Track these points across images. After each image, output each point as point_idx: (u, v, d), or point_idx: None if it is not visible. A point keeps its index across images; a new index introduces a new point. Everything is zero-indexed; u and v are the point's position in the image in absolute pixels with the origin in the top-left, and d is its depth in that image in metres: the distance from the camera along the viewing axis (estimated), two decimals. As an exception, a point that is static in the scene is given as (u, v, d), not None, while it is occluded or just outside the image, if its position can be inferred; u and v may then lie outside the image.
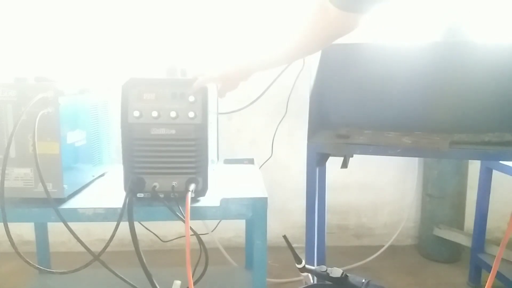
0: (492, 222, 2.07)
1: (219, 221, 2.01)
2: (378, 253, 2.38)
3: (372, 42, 1.76)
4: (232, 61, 1.12)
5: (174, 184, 1.10)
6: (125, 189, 1.09)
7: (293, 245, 1.20)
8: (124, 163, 1.11)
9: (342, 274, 1.15)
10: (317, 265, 1.68)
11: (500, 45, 1.62)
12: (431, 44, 1.72)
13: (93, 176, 1.34)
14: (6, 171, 1.02)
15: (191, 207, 1.03)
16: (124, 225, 1.02)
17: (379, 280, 2.17)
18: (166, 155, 1.10)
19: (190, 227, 1.03)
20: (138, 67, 2.23)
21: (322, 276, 1.18)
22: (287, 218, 2.50)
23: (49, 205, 1.05)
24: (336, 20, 0.99)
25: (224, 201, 1.13)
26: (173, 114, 1.09)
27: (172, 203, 1.08)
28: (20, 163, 1.08)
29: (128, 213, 1.03)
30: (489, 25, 2.15)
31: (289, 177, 2.42)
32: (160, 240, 1.62)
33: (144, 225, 1.32)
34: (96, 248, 1.05)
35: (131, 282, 1.10)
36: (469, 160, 2.30)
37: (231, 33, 2.32)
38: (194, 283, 1.03)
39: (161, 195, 1.10)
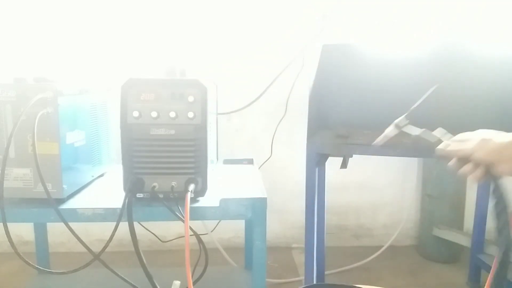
0: (492, 222, 2.07)
1: (219, 221, 2.01)
2: (378, 253, 2.38)
3: (371, 43, 1.76)
4: None
5: (173, 184, 1.10)
6: (125, 189, 1.09)
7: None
8: (123, 163, 1.11)
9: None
10: (317, 265, 1.69)
11: (499, 45, 1.62)
12: (431, 44, 1.72)
13: (93, 176, 1.34)
14: (5, 171, 1.03)
15: (190, 207, 1.03)
16: (124, 225, 1.02)
17: (379, 280, 2.17)
18: (165, 155, 1.10)
19: (190, 227, 1.03)
20: (137, 67, 2.23)
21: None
22: (286, 219, 2.50)
23: (48, 205, 1.05)
24: None
25: (224, 201, 1.13)
26: (172, 114, 1.09)
27: (171, 203, 1.08)
28: (19, 163, 1.08)
29: (127, 213, 1.03)
30: (487, 27, 2.15)
31: (288, 177, 2.42)
32: (160, 240, 1.62)
33: (144, 225, 1.32)
34: (95, 248, 1.05)
35: (131, 282, 1.10)
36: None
37: (230, 34, 2.32)
38: (194, 283, 1.03)
39: (161, 195, 1.10)
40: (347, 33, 2.26)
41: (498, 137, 0.86)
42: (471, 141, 0.89)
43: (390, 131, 1.17)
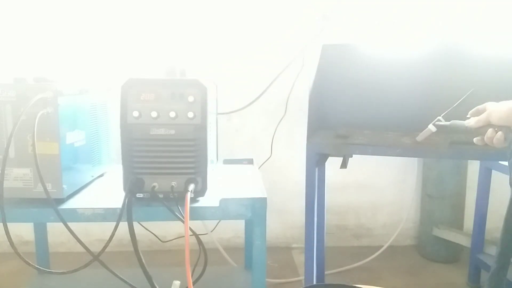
0: (491, 222, 2.07)
1: (218, 222, 2.01)
2: (378, 253, 2.38)
3: (371, 43, 1.76)
4: None
5: (173, 184, 1.10)
6: (125, 189, 1.09)
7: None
8: (123, 163, 1.11)
9: None
10: (317, 265, 1.69)
11: (498, 45, 1.62)
12: (431, 44, 1.72)
13: (92, 176, 1.34)
14: (5, 171, 1.03)
15: (190, 207, 1.03)
16: (123, 225, 1.02)
17: (379, 280, 2.17)
18: (165, 155, 1.10)
19: (190, 227, 1.03)
20: (137, 67, 2.23)
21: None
22: (286, 218, 2.50)
23: (48, 205, 1.05)
24: None
25: (224, 201, 1.13)
26: (172, 114, 1.09)
27: (171, 203, 1.08)
28: (19, 163, 1.08)
29: (127, 213, 1.03)
30: (487, 27, 2.15)
31: (288, 177, 2.42)
32: (160, 240, 1.62)
33: (144, 225, 1.32)
34: (95, 248, 1.05)
35: (131, 283, 1.10)
36: (468, 160, 2.30)
37: (230, 34, 2.32)
38: (193, 283, 1.03)
39: (161, 195, 1.10)
40: (347, 33, 2.26)
41: (506, 101, 1.00)
42: (485, 110, 1.03)
43: (430, 127, 1.30)
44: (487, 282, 0.88)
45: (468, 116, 1.11)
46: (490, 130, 1.01)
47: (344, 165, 1.62)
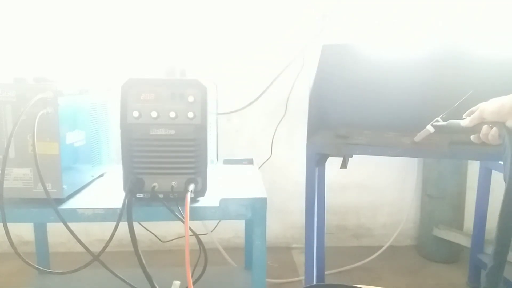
0: (492, 222, 2.06)
1: (218, 222, 2.01)
2: (378, 253, 2.38)
3: (371, 43, 1.76)
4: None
5: (173, 185, 1.10)
6: (125, 190, 1.09)
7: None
8: (123, 163, 1.11)
9: None
10: (317, 265, 1.69)
11: (498, 45, 1.62)
12: (431, 44, 1.72)
13: (93, 176, 1.34)
14: (5, 171, 1.03)
15: (190, 207, 1.03)
16: (124, 226, 1.02)
17: (379, 280, 2.17)
18: (165, 155, 1.10)
19: (190, 227, 1.03)
20: (137, 67, 2.23)
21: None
22: (286, 219, 2.50)
23: (48, 205, 1.05)
24: None
25: (224, 201, 1.13)
26: (172, 114, 1.09)
27: (171, 203, 1.08)
28: (19, 163, 1.08)
29: (127, 213, 1.03)
30: (487, 27, 2.15)
31: (288, 178, 2.42)
32: (160, 240, 1.62)
33: (144, 226, 1.33)
34: (95, 248, 1.05)
35: (131, 283, 1.10)
36: (469, 160, 2.30)
37: (230, 34, 2.32)
38: (193, 283, 1.03)
39: (161, 196, 1.10)
40: (347, 33, 2.26)
41: (496, 98, 1.02)
42: (478, 108, 1.05)
43: (428, 128, 1.32)
44: (484, 280, 0.89)
45: (463, 117, 1.13)
46: (484, 127, 1.03)
47: (344, 165, 1.62)
